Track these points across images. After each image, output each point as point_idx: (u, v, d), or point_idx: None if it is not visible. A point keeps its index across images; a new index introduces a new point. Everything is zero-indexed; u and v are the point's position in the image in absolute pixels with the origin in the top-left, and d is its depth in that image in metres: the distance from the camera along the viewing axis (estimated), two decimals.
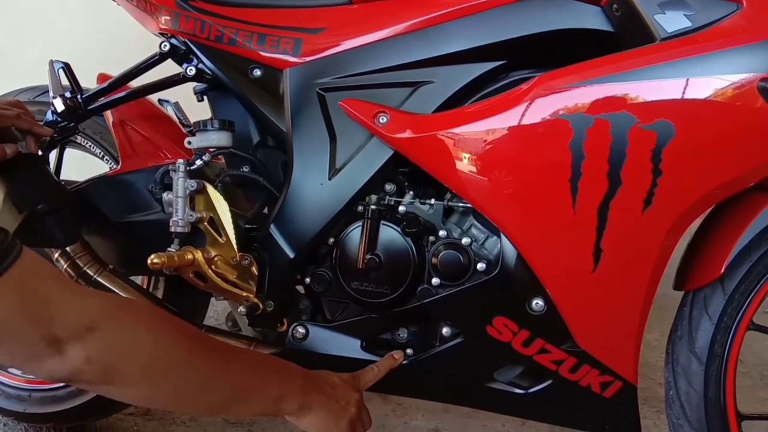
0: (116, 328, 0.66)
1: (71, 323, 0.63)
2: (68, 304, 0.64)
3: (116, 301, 0.71)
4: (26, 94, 1.24)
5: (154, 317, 0.73)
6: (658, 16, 0.78)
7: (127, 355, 0.67)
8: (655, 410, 1.43)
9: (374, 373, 0.92)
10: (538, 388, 0.91)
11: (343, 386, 0.88)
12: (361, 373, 0.92)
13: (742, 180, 0.81)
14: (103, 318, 0.65)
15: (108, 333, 0.65)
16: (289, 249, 0.95)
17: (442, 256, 0.90)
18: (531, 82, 0.82)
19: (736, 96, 0.75)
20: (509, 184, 0.83)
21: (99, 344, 0.65)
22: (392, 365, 0.93)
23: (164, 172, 1.01)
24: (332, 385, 0.87)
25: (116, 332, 0.66)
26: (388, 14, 0.93)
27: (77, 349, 0.63)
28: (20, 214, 0.91)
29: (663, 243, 0.81)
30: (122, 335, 0.67)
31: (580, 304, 0.86)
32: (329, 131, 0.93)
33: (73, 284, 0.68)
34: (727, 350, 0.90)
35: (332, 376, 0.89)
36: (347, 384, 0.89)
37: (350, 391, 0.88)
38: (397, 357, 0.93)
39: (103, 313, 0.66)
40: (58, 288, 0.64)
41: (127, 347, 0.67)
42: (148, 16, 1.07)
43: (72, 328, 0.63)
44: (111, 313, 0.67)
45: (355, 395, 0.88)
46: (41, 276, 0.63)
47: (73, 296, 0.65)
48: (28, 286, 0.62)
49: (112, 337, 0.66)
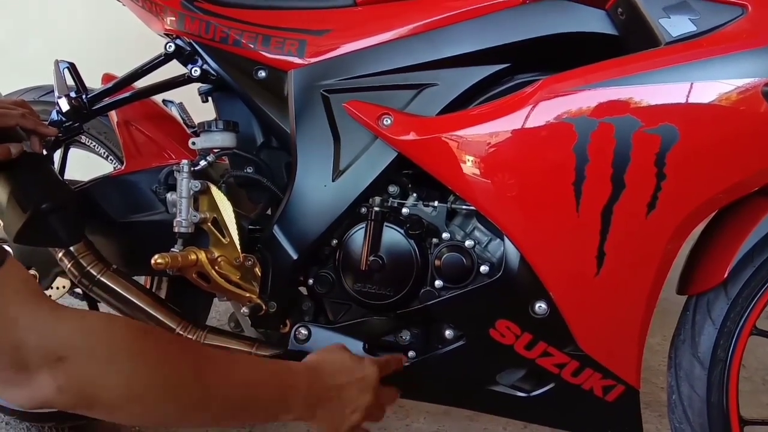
0: (89, 356, 0.62)
1: (40, 351, 0.59)
2: (39, 331, 0.59)
3: (92, 324, 0.65)
4: (31, 94, 1.25)
5: (136, 340, 0.67)
6: (662, 20, 0.78)
7: (102, 382, 0.63)
8: (657, 414, 1.42)
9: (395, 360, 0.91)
10: (541, 391, 0.91)
11: (356, 389, 0.82)
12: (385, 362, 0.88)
13: (745, 184, 0.81)
14: (76, 345, 0.61)
15: (80, 361, 0.61)
16: (293, 250, 0.95)
17: (445, 259, 0.90)
18: (535, 86, 0.82)
19: (741, 100, 0.75)
20: (513, 186, 0.84)
21: (70, 373, 0.60)
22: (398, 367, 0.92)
23: (168, 173, 1.02)
24: (342, 390, 0.82)
25: (89, 360, 0.62)
26: (393, 16, 0.94)
27: (47, 378, 0.60)
28: (24, 213, 0.91)
29: (666, 247, 0.81)
30: (95, 363, 0.62)
31: (583, 308, 0.86)
32: (333, 133, 0.93)
33: (48, 306, 0.62)
34: (730, 355, 0.89)
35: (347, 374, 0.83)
36: (363, 385, 0.83)
37: (363, 394, 0.83)
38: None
39: (76, 339, 0.62)
40: (32, 312, 0.60)
41: (101, 375, 0.62)
42: (153, 17, 1.07)
43: (41, 356, 0.59)
44: (84, 339, 0.62)
45: (367, 398, 0.83)
46: (15, 297, 0.59)
47: (45, 322, 0.60)
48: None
49: (84, 366, 0.61)
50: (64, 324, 0.62)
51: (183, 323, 1.03)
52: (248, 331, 1.06)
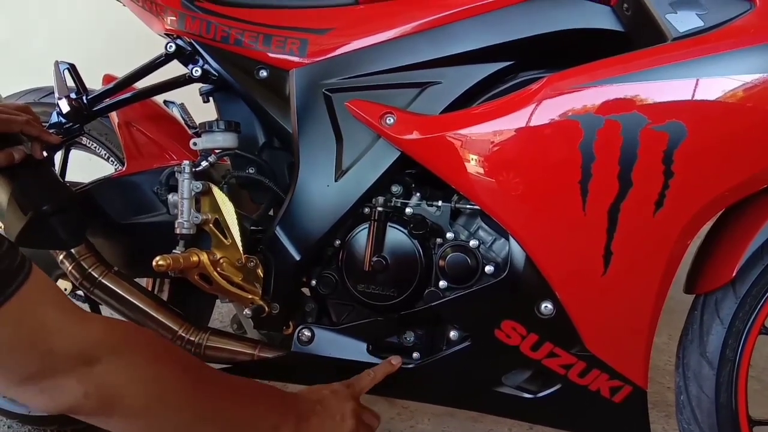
0: (116, 362, 0.64)
1: (70, 357, 0.61)
2: (68, 337, 0.61)
3: (118, 332, 0.67)
4: (31, 96, 1.24)
5: (156, 349, 0.71)
6: (669, 16, 0.77)
7: (127, 389, 0.65)
8: (664, 414, 1.41)
9: (370, 377, 0.91)
10: (547, 392, 0.90)
11: (335, 399, 0.87)
12: (355, 380, 0.91)
13: (754, 182, 0.80)
14: (103, 351, 0.63)
15: (107, 367, 0.63)
16: (295, 251, 0.94)
17: (449, 259, 0.89)
18: (540, 83, 0.81)
19: (749, 96, 0.74)
20: (518, 185, 0.83)
21: (98, 379, 0.63)
22: (389, 370, 0.92)
23: (170, 174, 1.01)
24: (324, 401, 0.86)
25: (116, 366, 0.64)
26: (395, 14, 0.93)
27: (75, 383, 0.62)
28: (25, 215, 0.91)
29: (674, 246, 0.80)
30: (122, 369, 0.65)
31: (590, 308, 0.85)
32: (336, 132, 0.93)
33: (75, 312, 0.64)
34: (739, 355, 0.88)
35: (324, 389, 0.88)
36: (339, 395, 0.87)
37: (343, 401, 0.87)
38: (395, 362, 0.92)
39: (104, 346, 0.64)
40: (60, 318, 0.62)
41: (126, 382, 0.65)
42: (153, 17, 1.06)
43: (71, 362, 0.61)
44: (111, 345, 0.65)
45: (350, 405, 0.87)
46: (44, 304, 0.61)
47: (74, 327, 0.62)
48: (29, 316, 0.60)
49: (112, 372, 0.64)
50: (92, 330, 0.64)
51: (185, 325, 1.02)
52: (251, 333, 1.06)
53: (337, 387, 0.89)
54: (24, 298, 0.59)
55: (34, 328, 0.60)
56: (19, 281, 0.59)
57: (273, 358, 0.99)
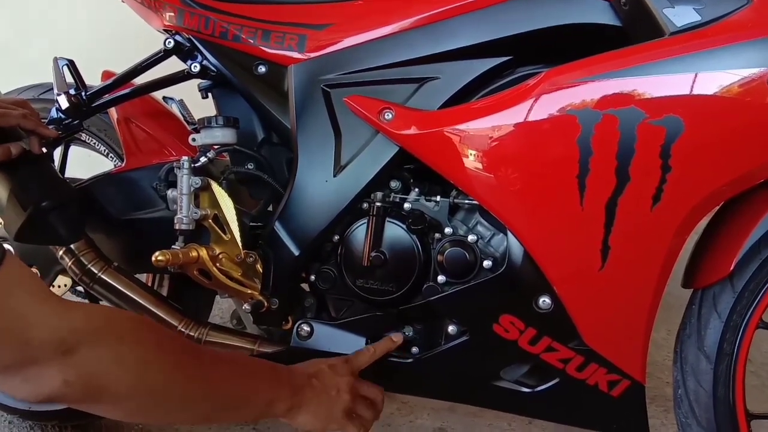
0: (96, 349, 0.63)
1: (48, 346, 0.59)
2: (45, 325, 0.60)
3: (98, 318, 0.66)
4: (30, 92, 1.24)
5: (140, 331, 0.69)
6: (667, 10, 0.77)
7: (110, 375, 0.64)
8: (662, 409, 1.42)
9: (370, 353, 0.91)
10: (545, 386, 0.90)
11: (330, 373, 0.86)
12: (353, 357, 0.90)
13: (751, 176, 0.80)
14: (82, 339, 0.62)
15: (87, 354, 0.62)
16: (294, 246, 0.94)
17: (447, 254, 0.90)
18: (538, 78, 0.81)
19: (746, 91, 0.74)
20: (516, 180, 0.83)
21: (78, 367, 0.61)
22: (390, 347, 0.92)
23: (169, 170, 1.01)
24: (319, 375, 0.85)
25: (96, 353, 0.63)
26: (393, 10, 0.93)
27: (54, 372, 0.60)
28: (24, 211, 0.91)
29: (672, 240, 0.81)
30: (103, 356, 0.63)
31: (588, 302, 0.85)
32: (334, 128, 0.93)
33: (51, 300, 0.62)
34: (737, 349, 0.89)
35: (320, 363, 0.87)
36: (336, 369, 0.87)
37: (340, 376, 0.86)
38: (396, 339, 0.92)
39: (83, 333, 0.62)
40: (36, 306, 0.60)
41: (108, 367, 0.64)
42: (152, 13, 1.06)
43: (48, 351, 0.59)
44: (91, 332, 0.63)
45: (346, 378, 0.86)
46: (20, 292, 0.60)
47: (50, 316, 0.61)
48: (4, 304, 0.58)
49: (92, 359, 0.62)
50: (70, 317, 0.63)
51: (185, 320, 1.03)
52: (250, 328, 1.06)
53: (335, 361, 0.88)
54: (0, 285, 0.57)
55: (9, 318, 0.58)
56: None
57: (272, 353, 0.99)
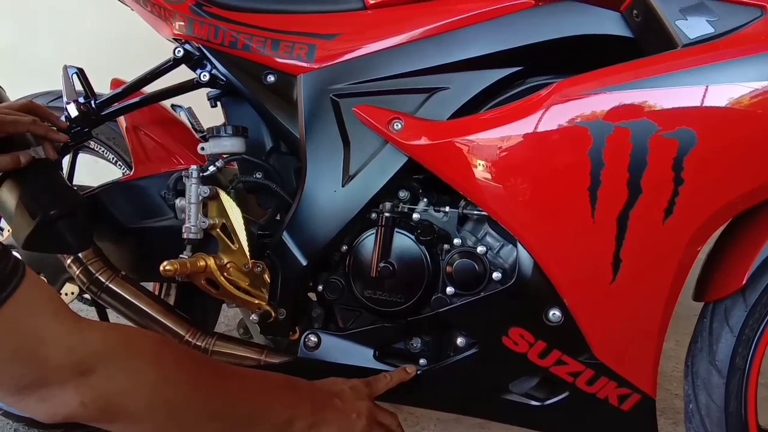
0: (113, 370, 0.62)
1: (65, 367, 0.59)
2: (63, 346, 0.59)
3: (116, 338, 0.65)
4: (40, 100, 1.24)
5: (159, 351, 0.68)
6: (679, 22, 0.77)
7: (126, 395, 0.63)
8: (671, 422, 1.40)
9: (386, 381, 0.91)
10: (555, 400, 0.89)
11: (352, 395, 0.86)
12: (373, 380, 0.90)
13: (764, 189, 0.79)
14: (99, 360, 0.61)
15: (104, 376, 0.61)
16: (302, 256, 0.94)
17: (456, 265, 0.89)
18: (549, 89, 0.80)
19: (760, 103, 0.74)
20: (526, 191, 0.82)
21: (94, 388, 0.61)
22: (404, 378, 0.91)
23: (177, 178, 1.01)
24: (341, 396, 0.85)
25: (113, 374, 0.62)
26: (403, 20, 0.93)
27: (70, 393, 0.60)
28: (33, 219, 0.91)
29: (684, 253, 0.80)
30: (120, 376, 0.63)
31: (599, 315, 0.84)
32: (343, 137, 0.92)
33: (70, 319, 0.62)
34: (749, 363, 0.88)
35: (341, 384, 0.87)
36: (357, 392, 0.87)
37: (361, 399, 0.86)
38: (410, 371, 0.92)
39: (101, 354, 0.62)
40: (55, 326, 0.60)
41: (126, 388, 0.63)
42: (161, 22, 1.06)
43: (65, 372, 0.59)
44: (108, 353, 0.63)
45: (365, 403, 0.86)
46: (38, 311, 0.59)
47: (68, 336, 0.60)
48: (22, 324, 0.57)
49: (109, 380, 0.62)
50: (87, 338, 0.62)
51: (192, 330, 1.02)
52: (257, 338, 1.06)
53: (357, 383, 0.88)
54: (17, 304, 0.57)
55: (28, 337, 0.58)
56: (12, 286, 0.57)
57: (279, 363, 0.98)
